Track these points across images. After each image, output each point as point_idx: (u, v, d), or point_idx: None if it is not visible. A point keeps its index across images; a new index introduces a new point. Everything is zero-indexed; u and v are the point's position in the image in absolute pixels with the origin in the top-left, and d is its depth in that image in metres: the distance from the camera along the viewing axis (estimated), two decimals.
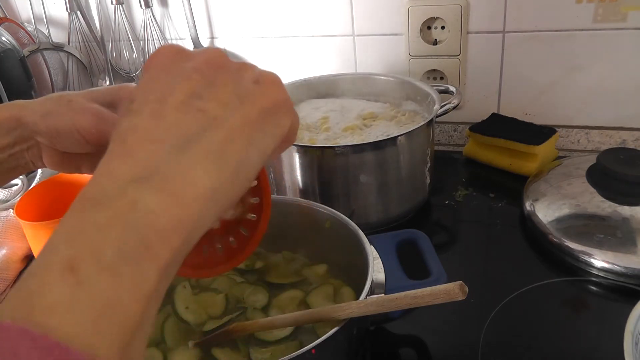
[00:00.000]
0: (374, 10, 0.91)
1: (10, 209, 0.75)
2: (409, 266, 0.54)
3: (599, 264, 0.62)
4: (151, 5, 1.02)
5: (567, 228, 0.67)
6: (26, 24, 1.11)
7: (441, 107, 0.74)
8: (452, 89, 0.81)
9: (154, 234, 0.22)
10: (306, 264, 0.61)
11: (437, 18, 0.88)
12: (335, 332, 0.42)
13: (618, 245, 0.62)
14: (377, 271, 0.52)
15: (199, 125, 0.26)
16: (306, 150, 0.70)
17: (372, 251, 0.52)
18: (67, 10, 1.06)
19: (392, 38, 0.92)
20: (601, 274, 0.62)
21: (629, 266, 0.61)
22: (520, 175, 0.83)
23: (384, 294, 0.50)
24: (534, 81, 0.88)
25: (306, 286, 0.58)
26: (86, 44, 1.11)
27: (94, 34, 1.10)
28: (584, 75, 0.85)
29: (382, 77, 0.88)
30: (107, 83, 1.11)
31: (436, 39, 0.90)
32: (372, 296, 0.48)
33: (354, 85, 0.89)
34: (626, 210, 0.65)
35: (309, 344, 0.41)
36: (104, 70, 1.11)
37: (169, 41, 1.07)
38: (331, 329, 0.42)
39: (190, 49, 0.30)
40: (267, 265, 0.62)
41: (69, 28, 1.08)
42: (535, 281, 0.62)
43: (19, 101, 0.40)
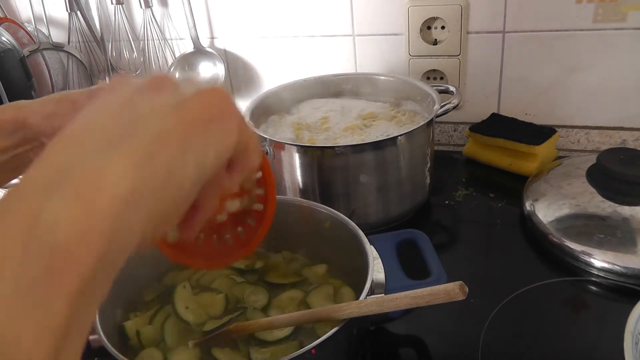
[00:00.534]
0: (374, 10, 0.91)
1: None
2: (409, 266, 0.54)
3: (599, 264, 0.62)
4: (151, 5, 1.02)
5: (567, 228, 0.67)
6: (26, 24, 1.11)
7: (441, 107, 0.74)
8: (452, 89, 0.81)
9: (59, 252, 0.19)
10: (306, 264, 0.61)
11: (437, 18, 0.88)
12: (335, 332, 0.42)
13: (618, 245, 0.62)
14: (377, 271, 0.52)
15: (127, 128, 0.24)
16: (306, 150, 0.70)
17: (372, 251, 0.52)
18: (67, 10, 1.06)
19: (392, 38, 0.92)
20: (601, 274, 0.62)
21: (629, 266, 0.61)
22: (520, 175, 0.83)
23: (384, 294, 0.50)
24: (534, 81, 0.88)
25: (306, 286, 0.58)
26: (86, 44, 1.11)
27: (94, 34, 1.09)
28: (584, 75, 0.85)
29: (382, 77, 0.88)
30: None
31: (436, 39, 0.90)
32: (372, 296, 0.48)
33: (354, 85, 0.89)
34: (626, 210, 0.65)
35: (309, 344, 0.41)
36: (104, 70, 1.11)
37: (169, 41, 1.07)
38: (331, 329, 0.42)
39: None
40: (267, 265, 0.62)
41: (69, 28, 1.08)
42: (535, 281, 0.62)
43: (21, 102, 0.40)
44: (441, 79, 0.93)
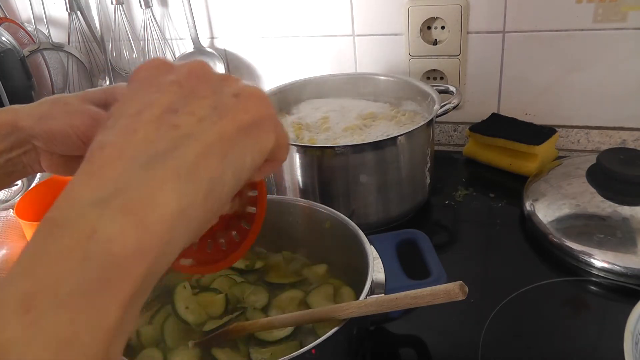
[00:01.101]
0: (374, 10, 0.91)
1: (10, 209, 0.75)
2: (409, 266, 0.54)
3: (599, 264, 0.62)
4: (151, 5, 1.02)
5: (567, 228, 0.67)
6: (26, 24, 1.11)
7: (441, 107, 0.74)
8: (452, 89, 0.81)
9: (114, 265, 0.21)
10: (306, 264, 0.61)
11: (437, 18, 0.88)
12: (335, 332, 0.42)
13: (618, 245, 0.62)
14: (377, 271, 0.52)
15: (171, 141, 0.24)
16: (306, 150, 0.70)
17: (372, 251, 0.52)
18: (67, 10, 1.06)
19: (392, 38, 0.92)
20: (601, 274, 0.62)
21: (629, 266, 0.61)
22: (520, 175, 0.83)
23: (384, 294, 0.50)
24: (534, 81, 0.88)
25: (306, 286, 0.58)
26: (86, 44, 1.11)
27: (94, 34, 1.10)
28: (584, 75, 0.85)
29: (382, 77, 0.88)
30: (107, 83, 1.11)
31: (436, 39, 0.90)
32: (372, 296, 0.48)
33: (354, 85, 0.89)
34: (626, 210, 0.65)
35: (309, 344, 0.41)
36: (104, 70, 1.11)
37: (169, 41, 1.07)
38: (331, 329, 0.42)
39: (173, 62, 0.30)
40: (267, 265, 0.62)
41: (69, 28, 1.08)
42: (535, 281, 0.62)
43: (14, 106, 0.40)
44: (441, 79, 0.93)
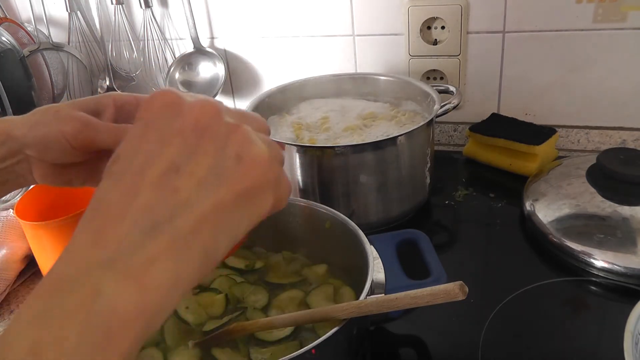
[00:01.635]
0: (374, 10, 0.91)
1: (10, 209, 0.75)
2: (409, 266, 0.54)
3: (599, 264, 0.62)
4: (151, 5, 1.02)
5: (567, 228, 0.67)
6: (26, 24, 1.11)
7: (441, 107, 0.74)
8: (452, 89, 0.81)
9: (117, 323, 0.23)
10: (306, 264, 0.61)
11: (437, 18, 0.88)
12: (335, 332, 0.42)
13: (618, 245, 0.62)
14: (377, 271, 0.52)
15: (169, 209, 0.26)
16: (306, 150, 0.70)
17: (372, 251, 0.52)
18: (67, 10, 1.06)
19: (392, 38, 0.92)
20: (601, 274, 0.62)
21: (629, 266, 0.61)
22: (520, 175, 0.83)
23: (384, 294, 0.50)
24: (534, 81, 0.88)
25: (306, 286, 0.58)
26: (86, 44, 1.11)
27: (94, 34, 1.09)
28: (584, 75, 0.85)
29: (382, 77, 0.88)
30: (107, 83, 1.11)
31: (436, 39, 0.90)
32: (372, 296, 0.48)
33: (354, 85, 0.89)
34: (626, 210, 0.65)
35: (309, 344, 0.41)
36: (104, 70, 1.11)
37: (169, 41, 1.07)
38: (331, 329, 0.42)
39: (187, 96, 0.29)
40: (267, 265, 0.62)
41: (69, 28, 1.08)
42: (535, 281, 0.62)
43: (7, 117, 0.41)
44: (441, 79, 0.93)
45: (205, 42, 1.04)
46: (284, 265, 0.62)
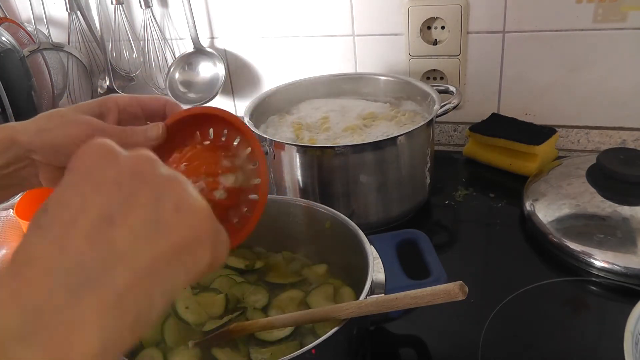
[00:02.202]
0: (374, 10, 0.91)
1: (10, 209, 0.75)
2: (409, 266, 0.54)
3: (599, 264, 0.62)
4: (151, 5, 1.02)
5: (567, 228, 0.67)
6: (26, 24, 1.11)
7: (441, 107, 0.74)
8: (452, 89, 0.81)
9: None
10: (306, 264, 0.61)
11: (437, 18, 0.88)
12: (335, 332, 0.42)
13: (618, 245, 0.62)
14: (377, 271, 0.52)
15: (104, 261, 0.23)
16: (306, 150, 0.70)
17: (372, 251, 0.52)
18: (67, 10, 1.06)
19: (392, 38, 0.92)
20: (601, 274, 0.62)
21: (629, 266, 0.61)
22: (520, 175, 0.83)
23: (384, 294, 0.50)
24: (534, 81, 0.88)
25: (306, 286, 0.58)
26: (86, 44, 1.11)
27: (94, 34, 1.09)
28: (584, 75, 0.85)
29: (382, 77, 0.88)
30: (107, 83, 1.11)
31: (436, 39, 0.90)
32: (372, 296, 0.48)
33: (354, 85, 0.89)
34: (626, 210, 0.65)
35: (309, 344, 0.41)
36: (104, 70, 1.11)
37: (169, 41, 1.07)
38: (331, 329, 0.42)
39: (120, 150, 0.27)
40: (267, 265, 0.62)
41: (69, 28, 1.08)
42: (535, 281, 0.62)
43: (11, 123, 0.41)
44: (441, 79, 0.93)
45: (205, 42, 1.04)
46: (284, 265, 0.62)
